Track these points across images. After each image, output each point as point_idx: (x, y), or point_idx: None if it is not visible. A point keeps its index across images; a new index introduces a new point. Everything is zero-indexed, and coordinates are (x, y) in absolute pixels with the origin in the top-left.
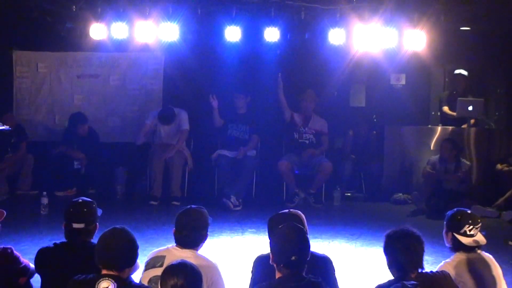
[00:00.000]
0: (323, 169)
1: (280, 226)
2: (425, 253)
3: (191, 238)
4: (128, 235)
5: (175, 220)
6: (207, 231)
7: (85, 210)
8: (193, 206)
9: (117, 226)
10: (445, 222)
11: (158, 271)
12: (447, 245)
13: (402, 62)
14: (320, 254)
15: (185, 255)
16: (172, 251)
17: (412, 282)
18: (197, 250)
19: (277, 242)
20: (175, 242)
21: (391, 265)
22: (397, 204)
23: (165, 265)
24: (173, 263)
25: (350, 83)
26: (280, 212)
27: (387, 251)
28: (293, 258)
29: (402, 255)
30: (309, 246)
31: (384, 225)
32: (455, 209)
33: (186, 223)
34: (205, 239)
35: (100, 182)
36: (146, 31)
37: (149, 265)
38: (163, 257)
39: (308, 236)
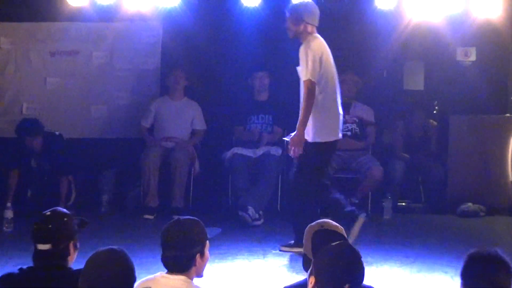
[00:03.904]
0: (372, 175)
1: (330, 245)
2: None
3: (181, 259)
4: (126, 261)
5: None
6: (203, 247)
7: (50, 226)
8: (181, 217)
9: (114, 247)
10: None
11: None
12: None
13: (471, 32)
14: (365, 285)
15: (176, 284)
16: (159, 281)
17: None
18: (192, 277)
19: (327, 265)
20: (164, 267)
21: None
22: (466, 216)
23: None
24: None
25: (403, 61)
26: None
27: (464, 273)
28: (346, 286)
29: (479, 281)
30: (364, 274)
31: (449, 245)
32: None
33: (173, 240)
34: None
35: (81, 190)
36: None
37: None
38: None
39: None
